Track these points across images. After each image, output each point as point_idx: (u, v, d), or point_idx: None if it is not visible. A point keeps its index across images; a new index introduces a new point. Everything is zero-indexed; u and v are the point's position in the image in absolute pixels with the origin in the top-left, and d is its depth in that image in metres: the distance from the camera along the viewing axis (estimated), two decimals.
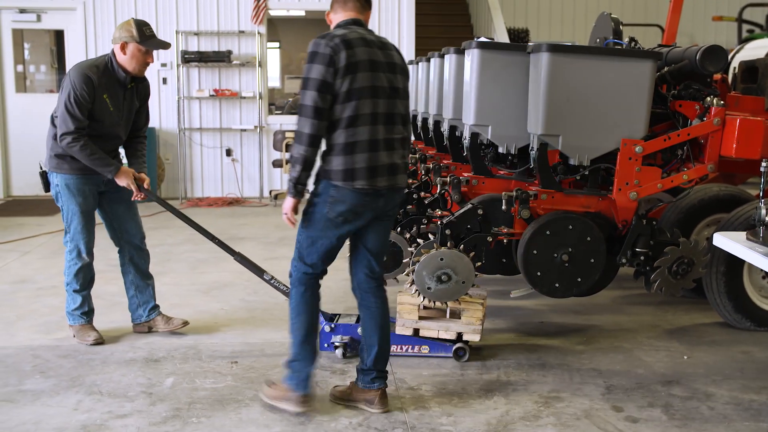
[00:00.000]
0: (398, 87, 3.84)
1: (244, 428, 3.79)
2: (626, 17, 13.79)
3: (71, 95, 4.60)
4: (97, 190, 4.90)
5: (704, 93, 5.20)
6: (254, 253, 5.35)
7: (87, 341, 4.90)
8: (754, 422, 3.91)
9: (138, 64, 4.76)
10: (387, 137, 3.76)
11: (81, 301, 4.96)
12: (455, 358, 4.71)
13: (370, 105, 3.70)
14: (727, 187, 5.81)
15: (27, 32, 11.99)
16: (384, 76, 3.77)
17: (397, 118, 3.82)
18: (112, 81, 4.75)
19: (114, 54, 4.76)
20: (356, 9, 3.89)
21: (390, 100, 3.78)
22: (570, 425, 3.86)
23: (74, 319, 4.97)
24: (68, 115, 4.60)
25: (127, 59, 4.73)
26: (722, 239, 3.96)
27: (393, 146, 3.79)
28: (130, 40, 4.69)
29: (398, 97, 3.83)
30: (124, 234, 5.05)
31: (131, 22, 4.74)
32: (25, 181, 11.67)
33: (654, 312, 5.83)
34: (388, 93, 3.77)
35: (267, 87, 12.00)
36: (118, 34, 4.72)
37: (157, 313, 5.21)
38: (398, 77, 3.85)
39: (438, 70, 6.26)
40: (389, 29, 11.73)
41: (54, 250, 7.85)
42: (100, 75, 4.69)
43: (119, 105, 4.79)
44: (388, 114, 3.78)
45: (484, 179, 5.51)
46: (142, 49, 4.73)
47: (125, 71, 4.76)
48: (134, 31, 4.69)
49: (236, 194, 11.59)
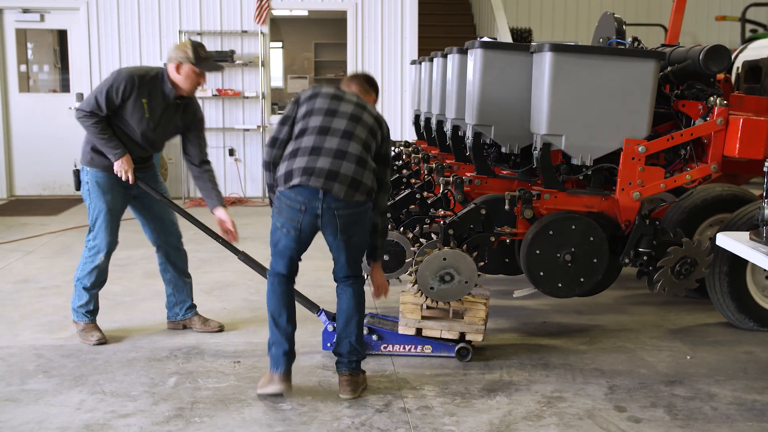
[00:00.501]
0: (353, 132, 4.09)
1: (247, 428, 3.79)
2: (629, 17, 13.77)
3: (107, 85, 4.70)
4: (129, 192, 4.91)
5: (707, 93, 5.20)
6: (257, 253, 5.34)
7: (90, 341, 4.91)
8: (757, 422, 3.90)
9: (191, 85, 4.82)
10: (330, 147, 4.04)
11: (88, 299, 4.96)
12: (458, 358, 4.71)
13: (316, 130, 4.11)
14: (730, 187, 5.80)
15: (30, 32, 12.00)
16: (341, 121, 4.11)
17: (346, 147, 4.06)
18: (156, 90, 4.78)
19: (167, 70, 4.81)
20: (359, 89, 4.39)
21: (341, 139, 4.05)
22: (573, 425, 3.85)
23: (79, 317, 4.98)
24: (93, 98, 4.70)
25: (181, 79, 4.78)
26: (725, 239, 3.96)
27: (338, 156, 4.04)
28: (185, 60, 4.75)
29: (352, 139, 4.08)
30: (161, 234, 5.09)
31: (188, 44, 4.82)
32: (29, 180, 11.70)
33: (657, 312, 5.83)
34: (341, 134, 4.07)
35: (270, 87, 11.99)
36: (174, 54, 4.78)
37: (193, 313, 5.26)
38: (358, 127, 4.12)
39: (441, 69, 6.25)
40: (392, 29, 11.73)
41: (57, 249, 7.86)
42: (146, 81, 4.75)
43: (156, 114, 4.80)
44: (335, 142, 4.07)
45: (487, 179, 5.52)
46: (197, 71, 4.78)
47: (175, 88, 4.80)
48: (190, 52, 4.75)
49: (239, 194, 11.59)
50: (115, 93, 4.67)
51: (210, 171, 5.02)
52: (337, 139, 4.03)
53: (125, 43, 11.48)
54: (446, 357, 4.73)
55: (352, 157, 4.01)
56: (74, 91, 11.65)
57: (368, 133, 4.14)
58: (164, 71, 4.82)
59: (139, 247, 7.74)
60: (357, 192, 3.99)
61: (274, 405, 4.05)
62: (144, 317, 5.56)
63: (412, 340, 4.75)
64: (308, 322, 5.46)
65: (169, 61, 4.80)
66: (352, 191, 3.97)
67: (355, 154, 4.02)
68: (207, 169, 5.00)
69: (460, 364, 4.66)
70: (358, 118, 4.16)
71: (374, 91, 4.48)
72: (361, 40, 11.78)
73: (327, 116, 4.11)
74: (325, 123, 4.08)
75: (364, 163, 4.04)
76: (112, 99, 4.67)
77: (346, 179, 3.96)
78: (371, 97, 4.43)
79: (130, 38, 11.48)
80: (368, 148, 4.11)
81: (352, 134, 4.07)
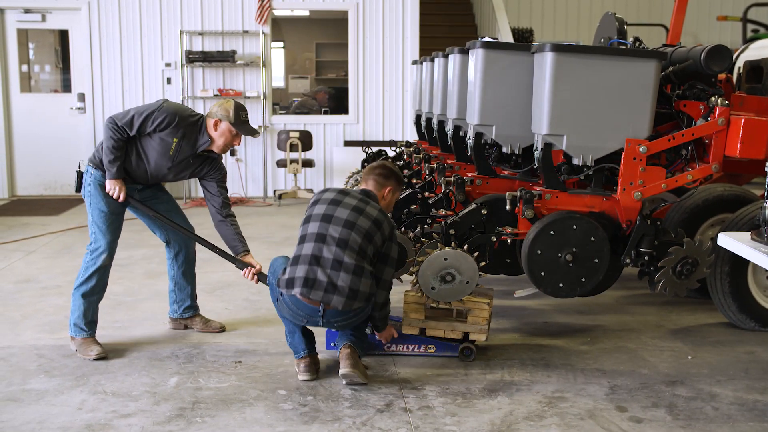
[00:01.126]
0: (346, 240, 4.24)
1: (248, 428, 3.80)
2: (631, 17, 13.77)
3: (149, 110, 4.70)
4: (131, 195, 4.88)
5: (709, 93, 5.20)
6: (259, 253, 5.35)
7: (90, 356, 4.72)
8: (759, 423, 3.90)
9: (224, 143, 4.85)
10: (328, 257, 4.25)
11: (86, 308, 4.80)
12: (461, 358, 4.71)
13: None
14: (732, 187, 5.80)
15: (32, 32, 12.02)
16: (334, 228, 4.28)
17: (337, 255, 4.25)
18: (191, 135, 4.80)
19: (205, 123, 4.82)
20: (374, 185, 4.58)
21: (337, 248, 4.22)
22: (574, 425, 3.85)
23: (77, 332, 4.82)
24: (130, 116, 4.69)
25: (216, 135, 4.81)
26: (727, 239, 3.96)
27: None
28: (224, 119, 4.78)
29: (347, 246, 4.24)
30: (173, 232, 5.08)
31: (231, 103, 4.83)
32: (30, 180, 11.71)
33: (658, 312, 5.82)
34: (336, 242, 4.24)
35: (271, 87, 12.01)
36: (215, 110, 4.80)
37: (193, 313, 5.27)
38: (352, 235, 4.25)
39: (442, 70, 6.26)
40: (393, 29, 11.74)
41: (58, 249, 7.87)
42: (185, 123, 4.76)
43: (178, 156, 4.81)
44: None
45: (488, 179, 5.52)
46: (233, 132, 4.81)
47: (209, 141, 4.83)
48: (232, 113, 4.78)
49: (240, 194, 11.59)
50: (152, 122, 4.67)
51: (235, 220, 5.01)
52: (334, 247, 4.21)
53: (126, 43, 11.50)
54: (449, 357, 4.73)
55: (350, 267, 4.19)
56: (75, 91, 11.67)
57: (371, 225, 4.31)
58: (203, 121, 4.84)
59: (140, 247, 7.75)
60: (356, 301, 4.21)
61: (275, 405, 4.06)
62: (145, 317, 5.57)
63: (415, 340, 4.75)
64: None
65: (209, 117, 4.82)
66: (350, 301, 4.19)
67: (351, 264, 4.19)
68: (231, 218, 5.00)
69: (461, 363, 4.66)
70: (361, 210, 4.34)
71: (394, 178, 4.61)
72: (362, 40, 11.79)
73: (331, 205, 4.35)
74: (326, 217, 4.31)
75: (361, 271, 4.20)
76: (146, 125, 4.68)
77: (344, 291, 4.17)
78: (389, 186, 4.58)
79: (131, 38, 11.50)
80: (364, 251, 4.26)
81: (351, 230, 4.25)
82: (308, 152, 11.51)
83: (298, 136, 11.20)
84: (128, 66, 11.53)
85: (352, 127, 11.92)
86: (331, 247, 4.21)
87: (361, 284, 4.19)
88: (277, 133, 11.49)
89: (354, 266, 4.18)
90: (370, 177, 4.58)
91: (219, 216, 4.95)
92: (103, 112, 11.44)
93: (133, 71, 11.53)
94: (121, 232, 4.90)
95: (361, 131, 11.90)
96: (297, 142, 11.15)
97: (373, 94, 11.86)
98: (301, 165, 11.19)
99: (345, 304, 4.17)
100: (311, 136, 11.44)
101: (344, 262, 4.19)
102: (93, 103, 11.56)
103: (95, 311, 4.89)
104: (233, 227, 4.95)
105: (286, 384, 4.34)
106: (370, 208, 4.38)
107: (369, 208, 4.37)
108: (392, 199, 4.65)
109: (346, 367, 4.26)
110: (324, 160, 11.90)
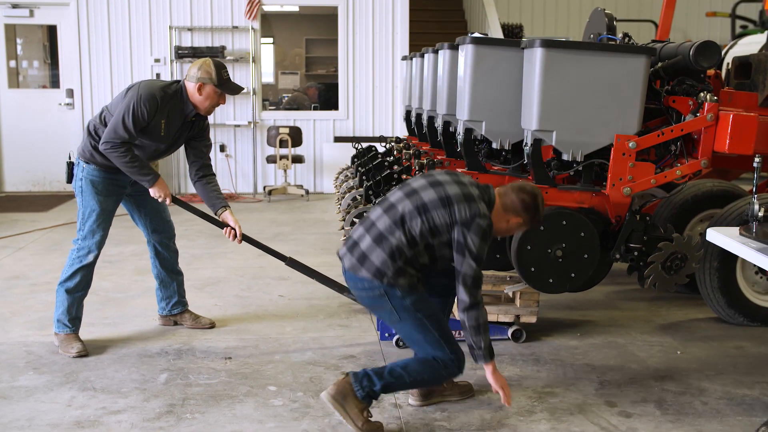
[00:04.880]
0: (394, 205, 3.82)
1: (238, 424, 3.79)
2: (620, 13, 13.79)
3: (132, 108, 4.53)
4: (122, 191, 4.86)
5: (698, 89, 5.21)
6: (249, 249, 5.33)
7: (70, 353, 4.66)
8: (747, 417, 3.92)
9: (211, 105, 4.76)
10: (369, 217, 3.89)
11: (69, 304, 4.77)
12: (513, 340, 4.96)
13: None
14: (721, 182, 5.82)
15: (20, 27, 11.95)
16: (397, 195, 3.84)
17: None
18: (175, 109, 4.71)
19: (185, 88, 4.72)
20: (509, 202, 3.87)
21: (383, 212, 3.82)
22: (564, 420, 3.86)
23: (60, 327, 4.78)
24: (122, 126, 4.53)
25: (201, 99, 4.71)
26: (715, 235, 3.97)
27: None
28: (208, 81, 4.67)
29: (388, 212, 3.80)
30: (153, 230, 5.04)
31: (210, 63, 4.70)
32: (19, 177, 11.66)
33: (647, 307, 5.84)
34: (386, 206, 3.84)
35: (261, 82, 11.98)
36: (195, 73, 4.68)
37: (182, 309, 5.25)
38: (405, 202, 3.78)
39: (432, 65, 6.25)
40: (383, 25, 11.73)
41: (47, 246, 7.84)
42: (167, 100, 4.64)
43: (171, 132, 4.74)
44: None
45: (478, 175, 5.50)
46: (219, 92, 4.73)
47: (195, 108, 4.75)
48: (213, 73, 4.67)
49: (230, 190, 11.57)
50: (141, 117, 4.54)
51: (214, 176, 4.98)
52: (380, 210, 3.82)
53: (115, 38, 11.45)
54: (498, 340, 4.84)
55: (377, 231, 3.74)
56: (64, 87, 11.62)
57: (436, 200, 3.71)
58: (183, 88, 4.73)
59: (130, 244, 7.73)
60: (362, 268, 3.72)
61: (265, 401, 4.05)
62: (135, 313, 5.55)
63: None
64: (300, 318, 5.47)
65: (189, 80, 4.69)
66: (357, 265, 3.74)
67: (379, 230, 3.74)
68: (212, 174, 4.97)
69: None
70: (440, 183, 3.78)
71: (531, 215, 3.84)
72: (352, 36, 11.77)
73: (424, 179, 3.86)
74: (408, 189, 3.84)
75: (381, 240, 3.70)
76: (140, 122, 4.55)
77: (357, 252, 3.76)
78: (520, 218, 3.84)
79: (120, 34, 11.45)
80: (405, 222, 3.70)
81: (408, 198, 3.75)
82: (298, 148, 11.50)
83: (288, 132, 11.18)
84: (117, 62, 11.48)
85: (342, 122, 11.91)
86: (379, 211, 3.82)
87: (374, 253, 3.69)
88: (267, 129, 11.46)
89: (379, 233, 3.72)
90: (513, 193, 3.83)
91: (199, 174, 4.91)
92: (92, 107, 11.39)
93: (122, 67, 11.48)
94: (110, 228, 4.88)
95: (351, 127, 11.88)
96: (287, 138, 11.14)
97: (363, 90, 11.85)
98: (290, 161, 11.18)
99: (351, 265, 3.76)
100: (301, 132, 11.42)
101: (376, 226, 3.75)
102: (82, 99, 11.50)
103: (80, 307, 4.85)
104: (211, 185, 4.91)
105: (276, 380, 4.33)
106: (456, 186, 3.74)
107: (453, 186, 3.74)
108: (510, 228, 3.92)
109: (328, 391, 3.68)
110: (314, 156, 11.88)
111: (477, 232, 3.64)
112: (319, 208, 10.47)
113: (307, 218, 9.64)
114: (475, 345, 3.72)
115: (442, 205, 3.69)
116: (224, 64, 4.78)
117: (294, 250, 7.43)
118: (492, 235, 3.74)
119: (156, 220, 5.03)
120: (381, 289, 3.69)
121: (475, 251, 3.64)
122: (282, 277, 6.51)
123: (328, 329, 5.24)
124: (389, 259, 3.67)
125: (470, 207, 3.67)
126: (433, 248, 3.73)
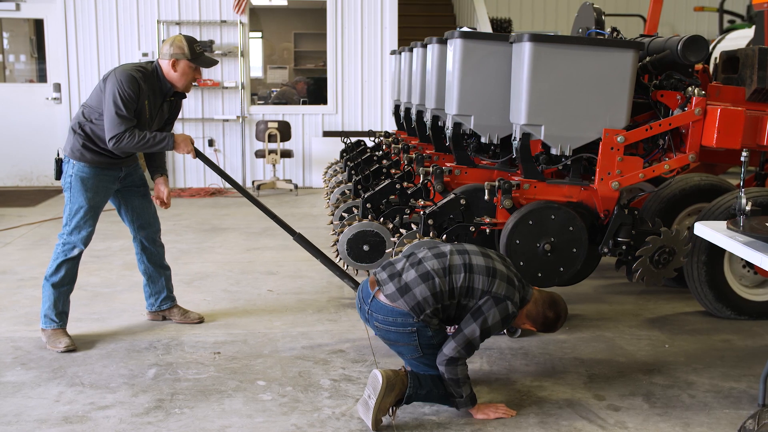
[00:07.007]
0: (444, 254, 3.88)
1: (227, 419, 3.79)
2: (608, 8, 13.83)
3: (119, 96, 4.51)
4: (112, 187, 4.83)
5: (685, 83, 5.22)
6: (237, 244, 5.33)
7: (58, 348, 4.64)
8: (734, 410, 3.94)
9: (187, 81, 4.75)
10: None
11: (56, 299, 4.73)
12: (508, 335, 4.91)
13: None
14: (708, 176, 5.84)
15: (6, 21, 11.88)
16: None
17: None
18: (155, 89, 4.69)
19: (160, 67, 4.70)
20: (532, 303, 3.97)
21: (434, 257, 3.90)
22: (552, 414, 3.87)
23: (47, 323, 4.75)
24: (118, 117, 4.51)
25: (177, 76, 4.69)
26: (703, 229, 3.98)
27: None
28: (181, 57, 4.65)
29: (436, 258, 3.88)
30: (139, 226, 5.02)
31: (182, 39, 4.69)
32: (6, 171, 11.59)
33: (635, 301, 5.86)
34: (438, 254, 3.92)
35: (249, 77, 11.94)
36: (168, 50, 4.66)
37: (171, 305, 5.23)
38: (455, 256, 3.86)
39: (420, 59, 6.24)
40: (372, 19, 11.71)
41: (35, 241, 7.80)
42: (145, 79, 4.62)
43: (154, 113, 4.73)
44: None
45: (467, 169, 5.51)
46: (193, 66, 4.71)
47: (173, 86, 4.73)
48: (186, 48, 4.65)
49: (218, 185, 11.54)
50: (130, 98, 4.51)
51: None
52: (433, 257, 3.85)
53: (103, 32, 11.39)
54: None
55: (423, 269, 3.78)
56: (51, 81, 11.55)
57: (483, 267, 3.79)
58: (158, 67, 4.71)
59: (118, 238, 7.70)
60: (402, 298, 3.73)
61: (254, 395, 4.05)
62: (123, 308, 5.53)
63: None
64: (289, 313, 5.46)
65: (163, 57, 4.68)
66: (397, 295, 3.75)
67: (426, 268, 3.78)
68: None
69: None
70: (492, 258, 3.88)
71: (542, 326, 4.00)
72: (340, 30, 11.75)
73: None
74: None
75: (428, 277, 3.74)
76: (132, 104, 4.52)
77: (400, 283, 3.77)
78: (528, 326, 4.00)
79: (107, 28, 11.39)
80: (448, 273, 3.76)
81: (461, 254, 3.83)
82: (287, 143, 11.48)
83: (277, 127, 11.15)
84: (105, 56, 11.42)
85: (331, 117, 11.89)
86: (428, 253, 3.88)
87: (418, 288, 3.71)
88: (256, 124, 11.43)
89: (427, 272, 3.75)
90: (542, 307, 3.94)
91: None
92: (80, 102, 11.32)
93: (110, 61, 11.40)
94: (95, 227, 4.83)
95: (339, 121, 11.87)
96: (275, 132, 11.11)
97: (352, 85, 11.83)
98: (279, 155, 11.15)
99: (390, 293, 3.75)
100: (290, 126, 11.40)
101: (423, 264, 3.79)
102: (69, 94, 11.44)
103: (66, 302, 4.82)
104: (162, 157, 5.09)
105: (265, 375, 4.33)
106: (503, 267, 3.86)
107: (501, 265, 3.86)
108: (521, 321, 4.01)
109: (384, 372, 3.70)
110: (303, 150, 11.86)
111: (501, 311, 3.75)
112: (308, 203, 10.46)
113: (296, 213, 9.63)
114: (456, 394, 3.77)
115: (487, 274, 3.78)
116: (196, 39, 4.77)
117: (282, 244, 7.42)
118: (509, 325, 3.92)
119: (144, 215, 5.00)
120: (414, 326, 3.74)
121: (488, 324, 3.73)
122: (270, 272, 6.51)
123: (317, 324, 5.23)
124: (432, 297, 3.74)
125: (508, 289, 3.79)
126: (461, 308, 3.80)
